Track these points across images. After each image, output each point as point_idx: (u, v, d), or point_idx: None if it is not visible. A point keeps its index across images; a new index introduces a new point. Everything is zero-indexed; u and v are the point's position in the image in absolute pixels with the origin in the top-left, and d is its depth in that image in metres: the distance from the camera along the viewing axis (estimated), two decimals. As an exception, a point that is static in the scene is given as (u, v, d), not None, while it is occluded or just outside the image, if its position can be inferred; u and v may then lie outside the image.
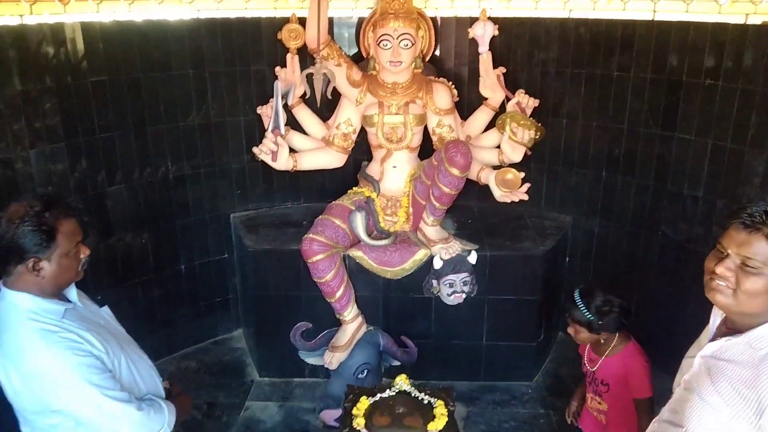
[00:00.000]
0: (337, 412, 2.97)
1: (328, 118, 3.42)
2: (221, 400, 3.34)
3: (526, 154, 3.20)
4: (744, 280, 1.33)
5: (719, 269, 1.36)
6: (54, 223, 1.56)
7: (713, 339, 1.47)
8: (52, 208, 1.57)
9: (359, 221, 3.18)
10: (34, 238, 1.53)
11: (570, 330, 2.31)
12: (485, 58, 3.26)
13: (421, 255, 3.19)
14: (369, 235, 3.23)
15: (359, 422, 2.18)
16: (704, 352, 1.44)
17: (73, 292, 1.71)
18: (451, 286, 3.19)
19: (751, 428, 1.31)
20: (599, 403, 2.36)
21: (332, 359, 3.13)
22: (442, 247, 3.15)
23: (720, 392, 1.35)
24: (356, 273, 3.22)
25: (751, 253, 1.31)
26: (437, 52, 3.50)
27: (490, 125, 3.36)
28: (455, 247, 3.17)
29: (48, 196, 1.61)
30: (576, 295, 2.26)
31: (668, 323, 3.33)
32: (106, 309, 1.83)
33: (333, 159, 3.38)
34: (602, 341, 2.30)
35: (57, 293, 1.63)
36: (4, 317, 1.57)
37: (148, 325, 3.48)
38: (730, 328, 1.44)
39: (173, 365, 3.60)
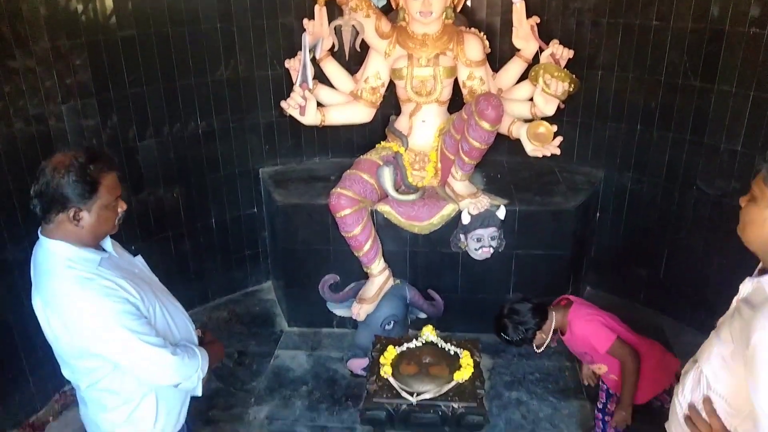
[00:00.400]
0: (364, 361, 3.04)
1: (356, 72, 3.38)
2: (252, 349, 3.44)
3: (559, 107, 3.13)
4: (743, 208, 1.42)
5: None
6: (97, 176, 1.60)
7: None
8: (96, 161, 1.61)
9: (387, 176, 3.17)
10: (78, 188, 1.57)
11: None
12: (518, 8, 3.16)
13: (449, 210, 3.18)
14: (397, 190, 3.22)
15: (386, 370, 2.22)
16: (739, 294, 1.47)
17: (108, 242, 1.76)
18: (478, 240, 3.18)
19: (743, 367, 1.33)
20: (599, 368, 2.40)
21: (360, 311, 3.19)
22: (470, 202, 3.14)
23: (732, 331, 1.40)
24: (384, 227, 3.24)
25: (754, 184, 1.40)
26: (469, 2, 3.41)
27: (523, 77, 3.28)
28: (484, 202, 3.15)
29: (92, 150, 1.65)
30: (502, 336, 2.43)
31: (700, 280, 3.28)
32: (139, 258, 1.88)
33: (361, 113, 3.35)
34: (552, 328, 2.39)
35: (93, 244, 1.67)
36: (43, 264, 1.62)
37: (180, 276, 3.57)
38: (763, 270, 1.46)
39: (205, 315, 3.70)
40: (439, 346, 2.37)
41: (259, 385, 3.18)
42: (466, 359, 2.26)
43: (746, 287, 1.44)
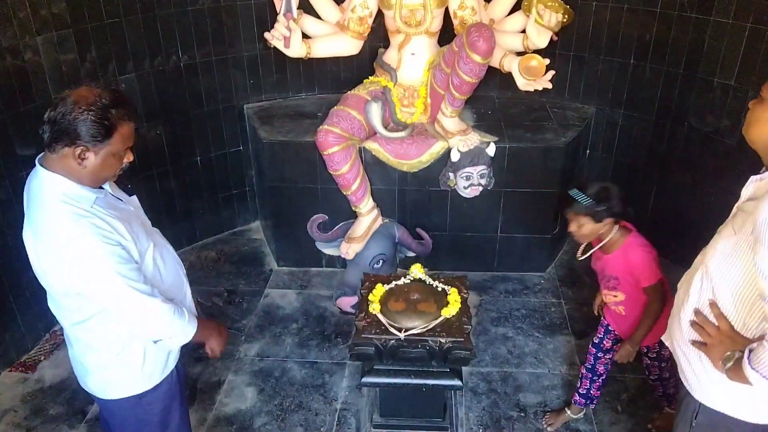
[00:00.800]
0: (353, 299, 3.07)
1: (343, 1, 3.25)
2: (241, 288, 3.46)
3: (552, 39, 3.04)
4: (750, 109, 1.45)
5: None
6: (116, 122, 1.55)
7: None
8: (119, 106, 1.56)
9: (375, 112, 3.10)
10: (93, 129, 1.52)
11: (573, 227, 2.27)
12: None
13: (438, 147, 3.13)
14: (385, 127, 3.16)
15: (375, 307, 2.23)
16: (741, 199, 1.49)
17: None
18: (467, 179, 3.15)
19: (749, 252, 1.37)
20: (615, 296, 2.39)
21: (349, 250, 3.18)
22: (460, 139, 3.09)
23: (734, 225, 1.45)
24: (372, 165, 3.19)
25: (764, 86, 1.43)
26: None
27: (516, 8, 3.17)
28: (473, 139, 3.11)
29: (119, 93, 1.60)
30: (572, 189, 2.24)
31: (686, 217, 3.30)
32: (135, 198, 1.84)
33: (348, 45, 3.24)
34: (605, 238, 2.28)
35: (90, 185, 1.62)
36: (36, 196, 1.57)
37: (167, 216, 3.54)
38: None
39: (193, 255, 3.69)
40: (427, 283, 2.38)
41: (249, 323, 3.21)
42: (453, 296, 2.27)
43: (748, 189, 1.47)
